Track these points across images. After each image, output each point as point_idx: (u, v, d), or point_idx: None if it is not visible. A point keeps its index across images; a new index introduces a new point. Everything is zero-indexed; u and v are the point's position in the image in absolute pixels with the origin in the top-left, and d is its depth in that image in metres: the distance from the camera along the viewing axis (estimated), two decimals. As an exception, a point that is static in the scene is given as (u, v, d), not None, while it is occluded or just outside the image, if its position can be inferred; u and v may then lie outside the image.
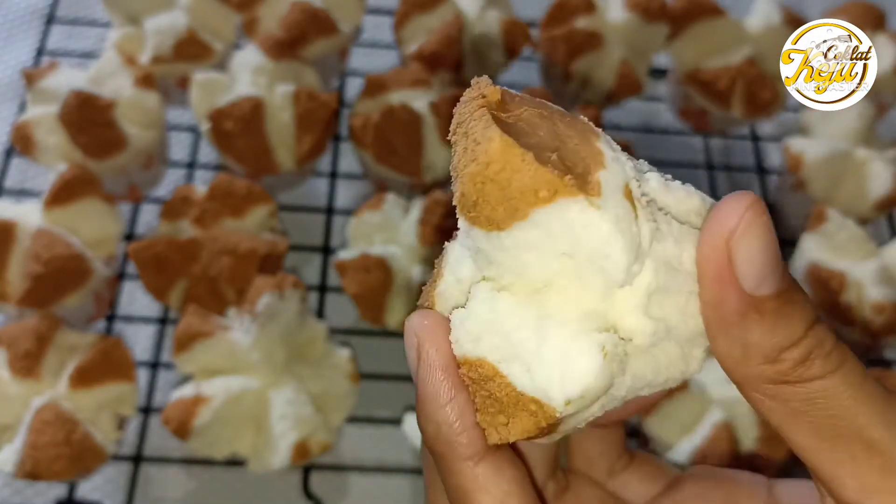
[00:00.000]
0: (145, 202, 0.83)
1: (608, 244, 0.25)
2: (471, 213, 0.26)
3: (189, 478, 0.70)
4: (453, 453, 0.27)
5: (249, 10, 0.85)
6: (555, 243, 0.25)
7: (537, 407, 0.26)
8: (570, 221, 0.25)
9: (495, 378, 0.26)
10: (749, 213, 0.25)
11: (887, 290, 0.71)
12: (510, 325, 0.26)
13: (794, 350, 0.25)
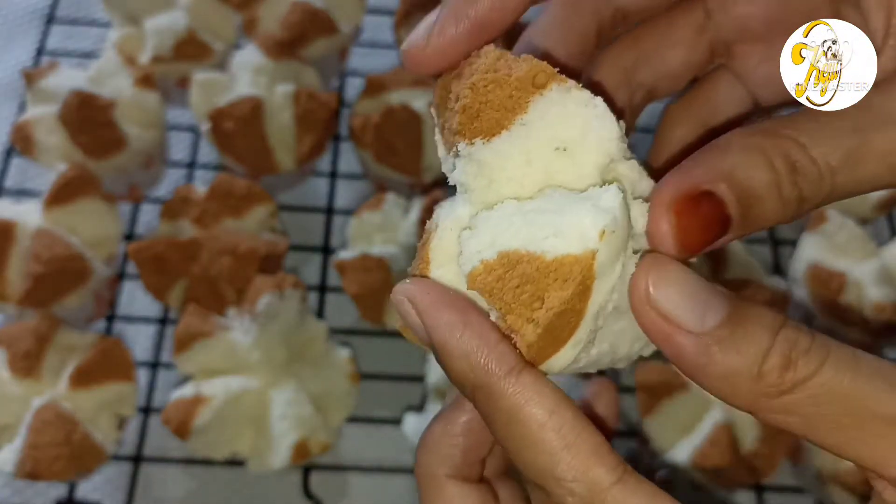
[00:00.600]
0: (145, 202, 0.83)
1: (601, 116, 0.27)
2: (473, 124, 0.28)
3: (189, 478, 0.70)
4: (491, 376, 0.26)
5: (249, 10, 0.85)
6: (553, 130, 0.27)
7: (572, 262, 0.26)
8: (565, 101, 0.27)
9: (521, 262, 0.27)
10: (652, 272, 0.26)
11: (887, 290, 0.71)
12: (525, 210, 0.27)
13: (770, 360, 0.25)
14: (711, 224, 0.27)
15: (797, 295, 0.75)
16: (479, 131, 0.28)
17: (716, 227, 0.27)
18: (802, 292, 0.74)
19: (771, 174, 0.26)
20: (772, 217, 0.27)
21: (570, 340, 0.27)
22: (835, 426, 0.25)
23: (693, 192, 0.26)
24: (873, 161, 0.27)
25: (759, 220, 0.27)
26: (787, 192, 0.27)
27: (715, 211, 0.26)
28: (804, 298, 0.74)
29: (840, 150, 0.27)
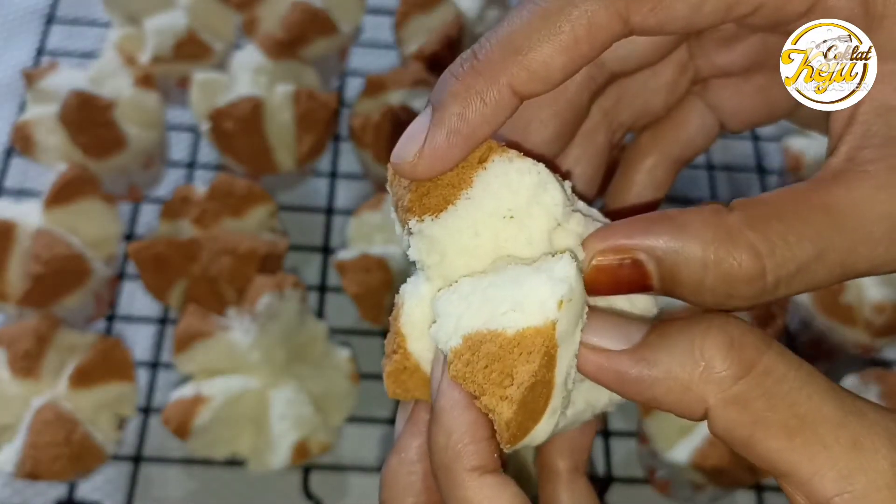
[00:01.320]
0: (145, 202, 0.83)
1: (544, 182, 0.29)
2: (422, 201, 0.29)
3: (189, 478, 0.70)
4: (458, 463, 0.27)
5: (249, 10, 0.85)
6: (498, 200, 0.29)
7: (533, 335, 0.27)
8: (507, 171, 0.29)
9: (485, 341, 0.27)
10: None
11: (887, 290, 0.71)
12: (482, 287, 0.28)
13: (708, 349, 0.25)
14: (630, 285, 0.27)
15: (797, 295, 0.75)
16: (427, 208, 0.29)
17: (635, 286, 0.27)
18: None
19: (703, 270, 0.26)
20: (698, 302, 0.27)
21: (546, 410, 0.28)
22: (782, 429, 0.24)
23: (616, 259, 0.27)
24: (824, 273, 0.26)
25: (688, 297, 0.27)
26: (721, 295, 0.26)
27: (636, 275, 0.27)
28: (804, 299, 0.74)
29: (793, 264, 0.26)
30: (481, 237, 0.29)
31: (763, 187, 0.88)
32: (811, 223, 0.26)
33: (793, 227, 0.25)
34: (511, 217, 0.29)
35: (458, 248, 0.29)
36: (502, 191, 0.29)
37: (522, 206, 0.29)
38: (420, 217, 0.29)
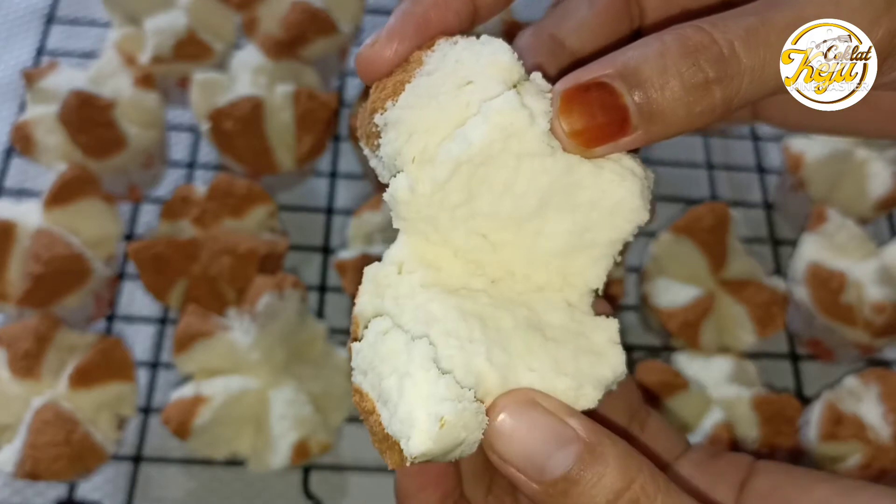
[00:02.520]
0: (145, 202, 0.83)
1: (492, 44, 0.29)
2: (381, 94, 0.30)
3: (189, 478, 0.70)
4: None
5: (249, 10, 0.85)
6: (453, 72, 0.29)
7: (399, 448, 0.28)
8: (456, 48, 0.29)
9: (374, 413, 0.28)
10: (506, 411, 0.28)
11: (887, 290, 0.71)
12: (384, 370, 0.28)
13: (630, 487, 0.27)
14: (605, 112, 0.27)
15: (797, 295, 0.75)
16: (387, 97, 0.29)
17: (611, 116, 0.27)
18: (802, 292, 0.74)
19: (661, 58, 0.26)
20: (677, 107, 0.26)
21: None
22: None
23: (582, 83, 0.27)
24: (775, 37, 0.27)
25: (662, 111, 0.26)
26: (688, 74, 0.26)
27: (607, 99, 0.26)
28: (804, 298, 0.74)
29: (741, 29, 0.26)
30: (444, 108, 0.29)
31: (763, 187, 0.88)
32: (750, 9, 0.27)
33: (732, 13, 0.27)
34: (469, 83, 0.29)
35: (423, 123, 0.29)
36: (455, 64, 0.29)
37: (476, 70, 0.29)
38: (383, 108, 0.29)
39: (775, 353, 0.77)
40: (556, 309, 0.30)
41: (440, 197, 0.28)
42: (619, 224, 0.29)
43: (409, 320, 0.29)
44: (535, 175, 0.28)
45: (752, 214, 0.85)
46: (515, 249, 0.30)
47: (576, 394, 0.29)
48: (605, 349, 0.30)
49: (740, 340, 0.73)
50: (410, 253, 0.30)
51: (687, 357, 0.71)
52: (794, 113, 0.35)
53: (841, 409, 0.67)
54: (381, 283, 0.30)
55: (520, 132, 0.28)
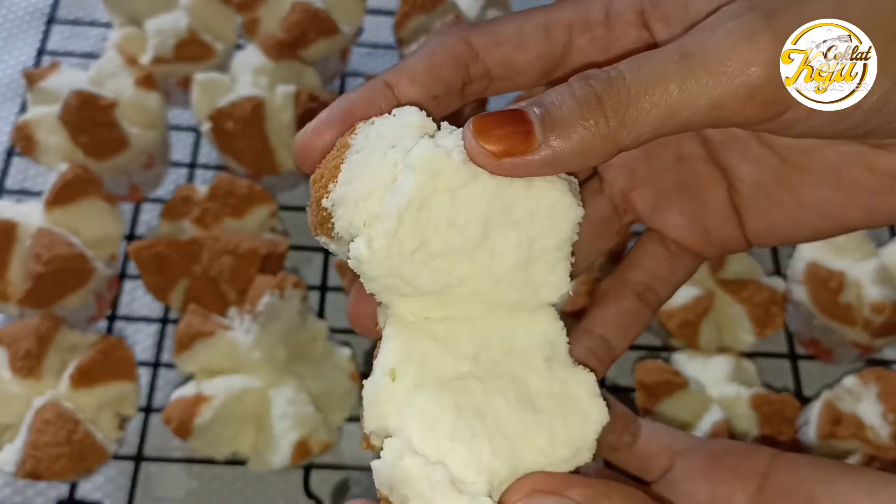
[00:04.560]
0: (146, 202, 0.83)
1: (405, 113, 0.33)
2: (322, 182, 0.33)
3: (190, 477, 0.70)
4: None
5: (250, 11, 0.85)
6: (377, 144, 0.32)
7: None
8: (376, 125, 0.33)
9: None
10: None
11: (887, 290, 0.72)
12: (409, 492, 0.31)
13: None
14: (513, 123, 0.30)
15: (796, 294, 0.75)
16: (327, 182, 0.32)
17: (518, 126, 0.30)
18: (801, 292, 0.74)
19: (563, 87, 0.30)
20: (572, 117, 0.29)
21: None
22: None
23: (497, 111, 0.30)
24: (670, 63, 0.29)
25: (561, 121, 0.29)
26: (580, 91, 0.29)
27: (516, 115, 0.30)
28: (803, 298, 0.74)
29: (629, 60, 0.30)
30: (377, 173, 0.31)
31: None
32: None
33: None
34: (392, 147, 0.32)
35: (362, 192, 0.31)
36: (377, 138, 0.32)
37: (397, 135, 0.32)
38: (327, 193, 0.32)
39: (774, 352, 0.77)
40: (538, 371, 0.33)
41: (396, 247, 0.31)
42: (560, 225, 0.32)
43: (416, 430, 0.32)
44: (470, 203, 0.31)
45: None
46: (478, 277, 0.32)
47: (574, 458, 0.32)
48: (588, 405, 0.33)
49: (739, 340, 0.73)
50: (398, 354, 0.33)
51: (686, 356, 0.71)
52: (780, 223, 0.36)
53: (840, 408, 0.67)
54: (381, 400, 0.33)
55: (442, 169, 0.30)
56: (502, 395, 0.32)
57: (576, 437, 0.32)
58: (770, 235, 0.36)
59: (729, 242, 0.37)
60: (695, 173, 0.37)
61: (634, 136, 0.29)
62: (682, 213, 0.37)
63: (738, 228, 0.36)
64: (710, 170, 0.36)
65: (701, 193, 0.37)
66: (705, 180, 0.36)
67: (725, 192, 0.36)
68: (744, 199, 0.36)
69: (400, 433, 0.32)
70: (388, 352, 0.33)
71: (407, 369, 0.32)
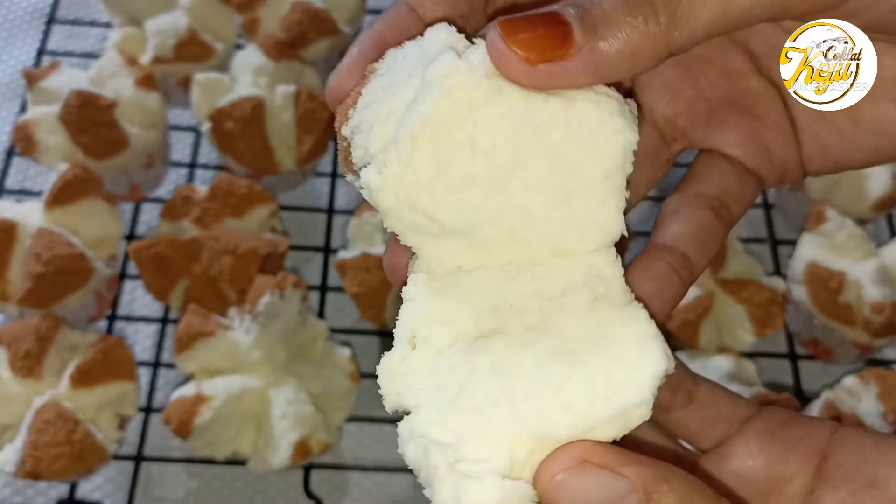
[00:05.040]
0: (146, 202, 0.83)
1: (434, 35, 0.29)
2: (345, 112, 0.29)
3: (190, 477, 0.70)
4: None
5: (250, 11, 0.85)
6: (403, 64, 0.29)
7: None
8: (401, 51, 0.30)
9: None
10: (564, 474, 0.27)
11: (887, 290, 0.72)
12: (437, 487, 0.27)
13: None
14: (546, 24, 0.26)
15: (796, 295, 0.75)
16: (347, 108, 0.29)
17: (552, 28, 0.26)
18: (802, 292, 0.74)
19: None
20: (617, 15, 0.26)
21: None
22: None
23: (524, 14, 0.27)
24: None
25: (603, 19, 0.26)
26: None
27: (548, 17, 0.26)
28: (803, 298, 0.74)
29: None
30: (398, 95, 0.28)
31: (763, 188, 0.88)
32: None
33: None
34: (419, 67, 0.28)
35: (380, 115, 0.28)
36: (403, 59, 0.29)
37: (424, 55, 0.29)
38: (346, 120, 0.29)
39: (774, 352, 0.77)
40: (579, 314, 0.28)
41: (411, 174, 0.27)
42: (607, 151, 0.28)
43: (429, 406, 0.28)
44: (496, 122, 0.27)
45: (751, 214, 0.85)
46: (511, 212, 0.28)
47: (623, 418, 0.27)
48: (641, 349, 0.27)
49: (739, 340, 0.73)
50: (417, 317, 0.29)
51: (686, 356, 0.71)
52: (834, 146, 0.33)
53: (840, 408, 0.67)
54: (395, 375, 0.29)
55: (462, 83, 0.27)
56: (531, 349, 0.28)
57: (623, 392, 0.27)
58: (824, 159, 0.32)
59: (788, 165, 0.33)
60: (746, 90, 0.33)
61: (688, 34, 0.26)
62: (740, 130, 0.33)
63: (795, 148, 0.33)
64: (762, 85, 0.33)
65: (756, 109, 0.33)
66: (758, 95, 0.33)
67: (782, 107, 0.32)
68: (796, 118, 0.32)
69: (417, 410, 0.28)
70: (407, 315, 0.29)
71: (427, 334, 0.28)
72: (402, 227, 0.29)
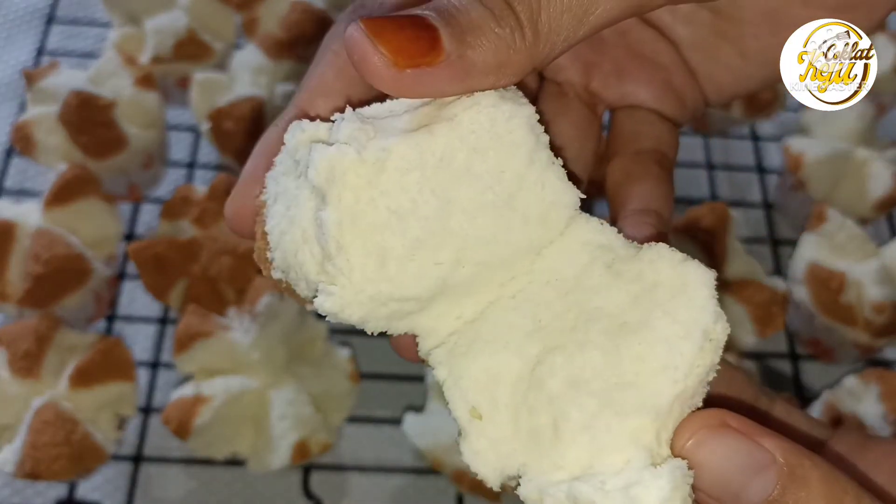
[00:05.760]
0: (145, 202, 0.83)
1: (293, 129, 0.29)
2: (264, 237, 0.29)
3: (189, 478, 0.70)
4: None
5: (249, 10, 0.85)
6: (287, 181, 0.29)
7: None
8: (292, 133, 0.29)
9: None
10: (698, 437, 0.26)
11: (887, 290, 0.71)
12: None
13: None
14: (414, 27, 0.25)
15: (797, 295, 0.75)
16: (264, 251, 0.29)
17: (420, 32, 0.25)
18: (802, 292, 0.74)
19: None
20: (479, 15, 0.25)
21: None
22: None
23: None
24: None
25: (468, 21, 0.25)
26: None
27: (415, 20, 0.25)
28: (804, 298, 0.74)
29: None
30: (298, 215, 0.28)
31: (763, 187, 0.88)
32: None
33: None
34: (299, 177, 0.28)
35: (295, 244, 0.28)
36: (283, 177, 0.29)
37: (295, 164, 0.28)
38: (272, 267, 0.29)
39: (775, 352, 0.77)
40: (608, 287, 0.27)
41: (358, 277, 0.27)
42: (515, 138, 0.27)
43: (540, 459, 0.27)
44: (401, 181, 0.26)
45: (752, 214, 0.85)
46: (471, 247, 0.28)
47: (709, 341, 0.26)
48: (680, 276, 0.27)
49: (740, 340, 0.73)
50: (465, 390, 0.28)
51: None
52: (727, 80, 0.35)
53: (841, 408, 0.67)
54: (483, 452, 0.28)
55: (344, 167, 0.26)
56: (590, 345, 0.27)
57: (691, 321, 0.26)
58: (719, 93, 0.35)
59: (696, 104, 0.35)
60: (643, 42, 0.34)
61: (549, 49, 0.26)
62: (652, 82, 0.35)
63: (698, 89, 0.35)
64: (653, 35, 0.34)
65: (658, 57, 0.34)
66: (655, 44, 0.34)
67: (676, 53, 0.34)
68: (688, 60, 0.34)
69: (526, 472, 0.27)
70: (452, 395, 0.28)
71: (484, 400, 0.28)
72: (385, 323, 0.28)
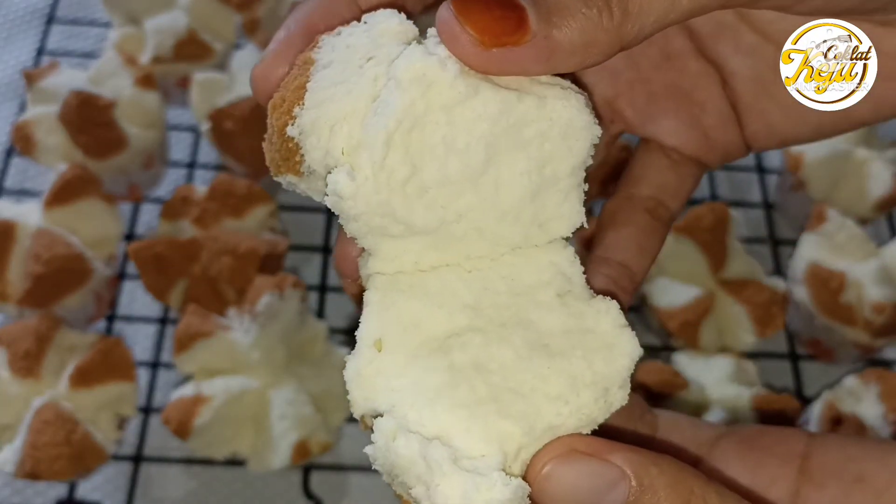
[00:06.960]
0: (145, 202, 0.83)
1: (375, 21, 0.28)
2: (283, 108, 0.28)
3: (189, 478, 0.70)
4: None
5: (249, 10, 0.85)
6: (346, 54, 0.28)
7: None
8: (339, 38, 0.28)
9: None
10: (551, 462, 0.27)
11: (887, 290, 0.71)
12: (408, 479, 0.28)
13: None
14: (501, 6, 0.25)
15: (797, 295, 0.75)
16: (291, 106, 0.28)
17: (507, 11, 0.25)
18: (802, 292, 0.74)
19: None
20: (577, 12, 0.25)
21: None
22: None
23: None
24: None
25: (558, 6, 0.25)
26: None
27: (502, 2, 0.25)
28: (804, 298, 0.74)
29: None
30: (354, 90, 0.27)
31: (763, 187, 0.88)
32: None
33: None
34: (369, 59, 0.27)
35: (338, 114, 0.27)
36: (347, 49, 0.28)
37: (373, 45, 0.28)
38: (292, 120, 0.27)
39: (775, 352, 0.77)
40: (550, 309, 0.29)
41: (385, 177, 0.26)
42: (576, 147, 0.28)
43: (408, 404, 0.27)
44: (471, 123, 0.26)
45: (751, 214, 0.85)
46: (481, 210, 0.28)
47: (605, 400, 0.28)
48: (614, 337, 0.28)
49: (740, 340, 0.73)
50: (382, 319, 0.29)
51: (687, 357, 0.71)
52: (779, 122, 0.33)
53: (840, 408, 0.67)
54: (366, 377, 0.29)
55: (436, 81, 0.26)
56: (508, 344, 0.28)
57: (602, 376, 0.28)
58: (769, 135, 0.33)
59: (730, 147, 0.34)
60: (685, 71, 0.33)
61: (639, 29, 0.25)
62: (678, 117, 0.33)
63: (737, 129, 0.33)
64: (701, 66, 0.33)
65: (695, 93, 0.33)
66: (698, 78, 0.33)
67: (721, 90, 0.33)
68: (740, 97, 0.32)
69: (392, 411, 0.28)
70: (370, 318, 0.29)
71: (394, 336, 0.28)
72: (363, 230, 0.28)
